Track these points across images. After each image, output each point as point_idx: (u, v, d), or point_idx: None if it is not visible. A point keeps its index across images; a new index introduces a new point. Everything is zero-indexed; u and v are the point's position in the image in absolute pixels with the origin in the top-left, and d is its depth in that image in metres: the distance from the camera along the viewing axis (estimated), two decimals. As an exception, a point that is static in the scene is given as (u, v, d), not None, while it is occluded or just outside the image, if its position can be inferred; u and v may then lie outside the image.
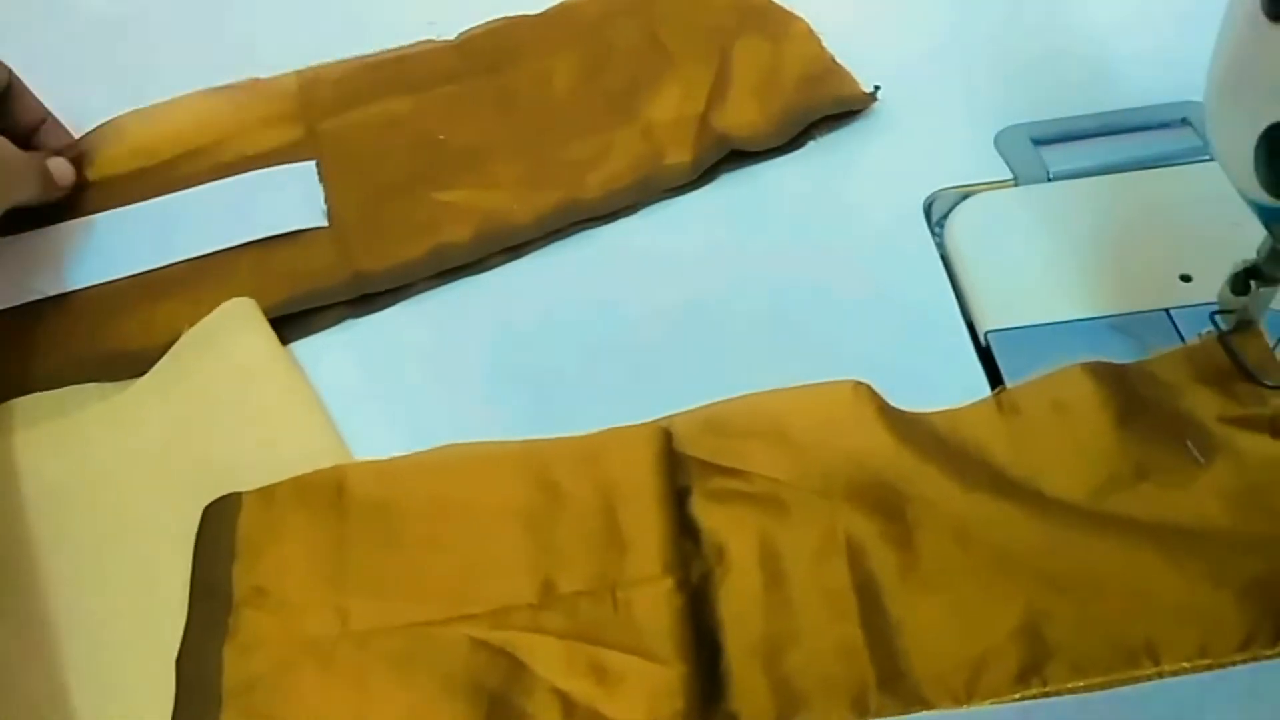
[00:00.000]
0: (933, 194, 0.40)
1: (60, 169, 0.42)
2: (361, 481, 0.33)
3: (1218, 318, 0.33)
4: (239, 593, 0.31)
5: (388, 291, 0.39)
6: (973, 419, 0.33)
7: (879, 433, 0.32)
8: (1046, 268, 0.37)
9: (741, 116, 0.42)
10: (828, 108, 0.42)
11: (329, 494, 0.32)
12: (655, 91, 0.44)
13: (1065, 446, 0.32)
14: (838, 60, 0.44)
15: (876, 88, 0.43)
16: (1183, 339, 0.35)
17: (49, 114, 0.44)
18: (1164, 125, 0.41)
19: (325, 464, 0.33)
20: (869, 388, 0.33)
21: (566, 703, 0.27)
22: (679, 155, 0.41)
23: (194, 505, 0.33)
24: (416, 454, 0.33)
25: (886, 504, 0.31)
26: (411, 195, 0.41)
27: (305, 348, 0.38)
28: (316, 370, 0.37)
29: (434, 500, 0.32)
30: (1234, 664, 0.27)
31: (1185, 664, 0.27)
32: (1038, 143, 0.41)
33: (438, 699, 0.28)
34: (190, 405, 0.36)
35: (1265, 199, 0.26)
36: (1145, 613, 0.28)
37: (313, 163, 0.43)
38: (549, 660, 0.28)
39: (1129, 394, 0.33)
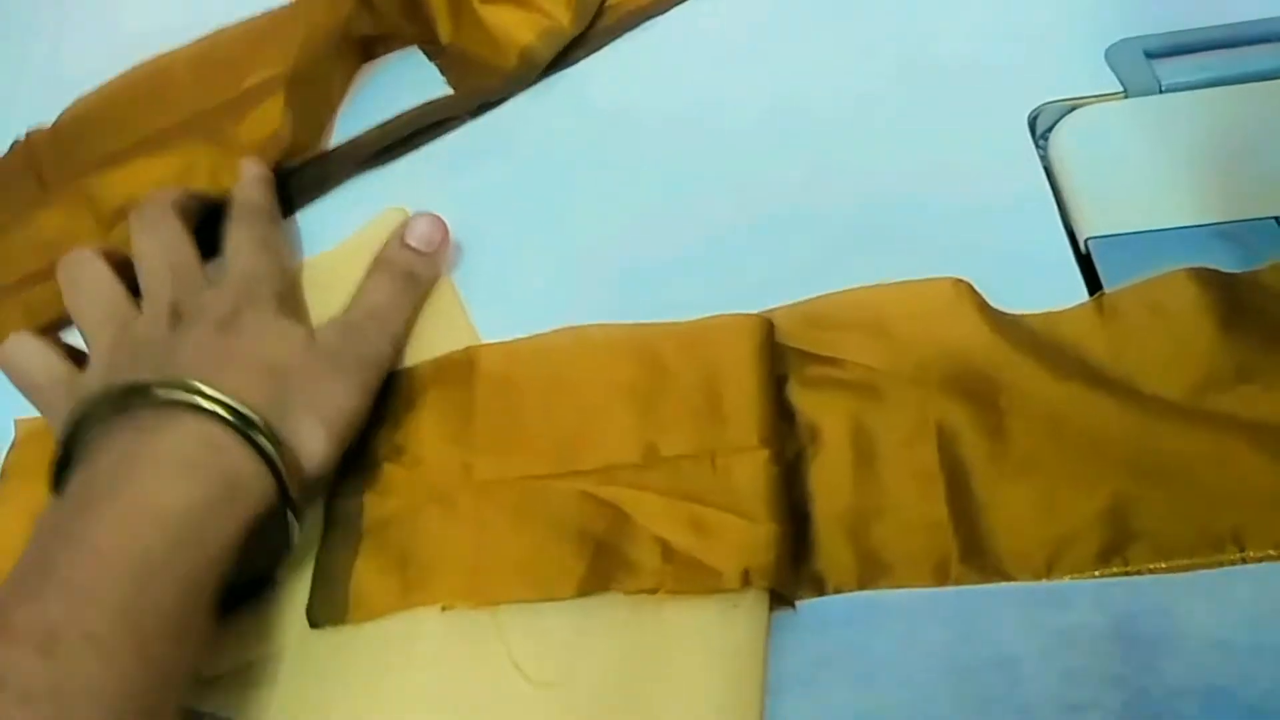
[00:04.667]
0: (1038, 107, 0.39)
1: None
2: (489, 360, 0.34)
3: (1329, 222, 0.31)
4: (381, 451, 0.33)
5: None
6: (1071, 320, 0.32)
7: (976, 326, 0.32)
8: (1153, 177, 0.36)
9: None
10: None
11: (462, 371, 0.34)
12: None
13: (1164, 347, 0.31)
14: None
15: None
16: (1292, 247, 0.33)
17: None
18: (1285, 38, 0.39)
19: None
20: (969, 285, 0.33)
21: (666, 549, 0.28)
22: None
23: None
24: (538, 336, 0.35)
25: (979, 393, 0.31)
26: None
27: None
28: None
29: (551, 377, 0.33)
30: (1323, 554, 0.26)
31: (1272, 551, 0.26)
32: (1150, 56, 0.39)
33: (549, 540, 0.29)
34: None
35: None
36: (1234, 502, 0.27)
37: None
38: (651, 513, 0.29)
39: (1234, 300, 0.32)
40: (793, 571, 0.28)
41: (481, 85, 0.43)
